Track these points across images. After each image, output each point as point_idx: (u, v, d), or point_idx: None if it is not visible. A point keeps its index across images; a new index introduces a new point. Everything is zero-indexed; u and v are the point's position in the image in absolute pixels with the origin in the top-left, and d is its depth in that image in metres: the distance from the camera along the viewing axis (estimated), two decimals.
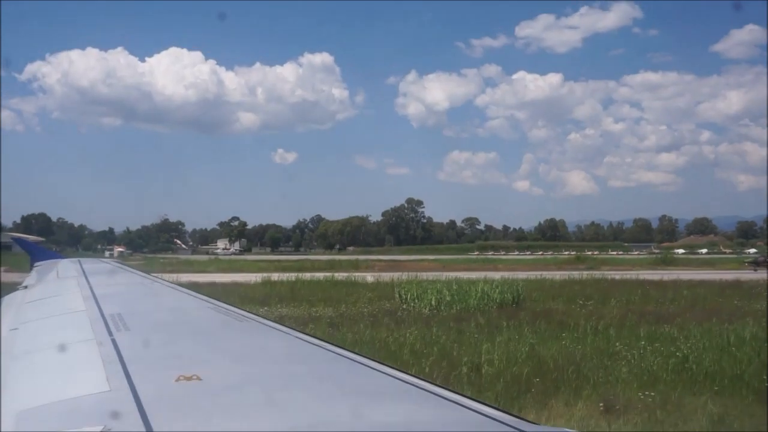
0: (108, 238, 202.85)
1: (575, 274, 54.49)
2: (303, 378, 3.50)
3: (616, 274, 56.88)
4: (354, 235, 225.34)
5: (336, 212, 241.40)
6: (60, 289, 8.00)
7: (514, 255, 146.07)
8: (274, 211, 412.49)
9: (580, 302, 33.78)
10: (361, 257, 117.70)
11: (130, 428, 2.59)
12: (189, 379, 3.26)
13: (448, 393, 3.28)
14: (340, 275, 52.60)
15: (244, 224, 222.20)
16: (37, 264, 12.79)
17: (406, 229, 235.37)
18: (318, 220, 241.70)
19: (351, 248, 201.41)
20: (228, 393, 3.08)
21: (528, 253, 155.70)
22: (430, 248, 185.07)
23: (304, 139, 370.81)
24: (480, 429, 2.80)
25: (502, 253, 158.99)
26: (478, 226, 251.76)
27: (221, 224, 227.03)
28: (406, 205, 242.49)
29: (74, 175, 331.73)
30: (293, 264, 79.79)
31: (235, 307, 6.32)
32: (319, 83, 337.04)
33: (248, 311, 6.07)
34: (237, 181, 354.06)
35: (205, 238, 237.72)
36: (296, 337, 4.71)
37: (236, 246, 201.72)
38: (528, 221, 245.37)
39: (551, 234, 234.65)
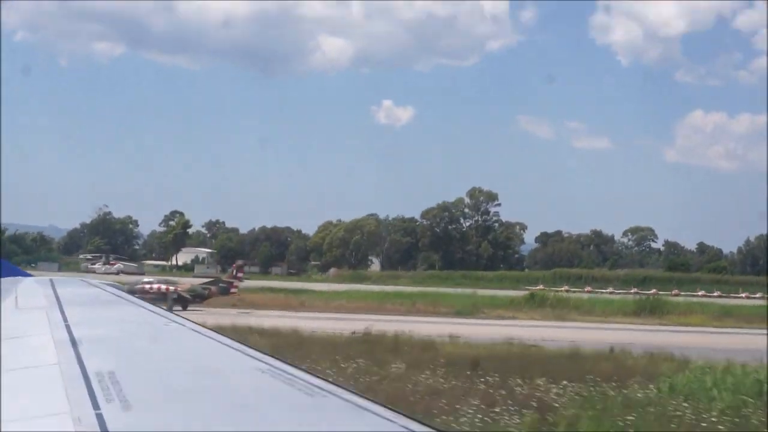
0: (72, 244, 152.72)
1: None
2: None
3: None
4: (366, 247, 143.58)
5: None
6: (20, 326, 5.93)
7: (601, 292, 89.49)
8: (367, 204, 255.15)
9: None
10: (316, 286, 78.02)
11: None
12: None
13: None
14: None
15: (186, 223, 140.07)
16: None
17: (461, 241, 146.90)
18: (383, 222, 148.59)
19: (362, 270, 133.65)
20: None
21: (629, 290, 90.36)
22: (482, 276, 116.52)
23: (429, 82, 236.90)
24: None
25: (570, 288, 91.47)
26: (653, 243, 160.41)
27: (164, 221, 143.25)
28: (467, 200, 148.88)
29: (49, 136, 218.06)
30: None
31: (308, 374, 4.13)
32: None
33: (332, 382, 3.94)
34: (304, 153, 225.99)
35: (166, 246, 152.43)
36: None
37: (133, 263, 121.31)
38: None
39: (766, 260, 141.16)
